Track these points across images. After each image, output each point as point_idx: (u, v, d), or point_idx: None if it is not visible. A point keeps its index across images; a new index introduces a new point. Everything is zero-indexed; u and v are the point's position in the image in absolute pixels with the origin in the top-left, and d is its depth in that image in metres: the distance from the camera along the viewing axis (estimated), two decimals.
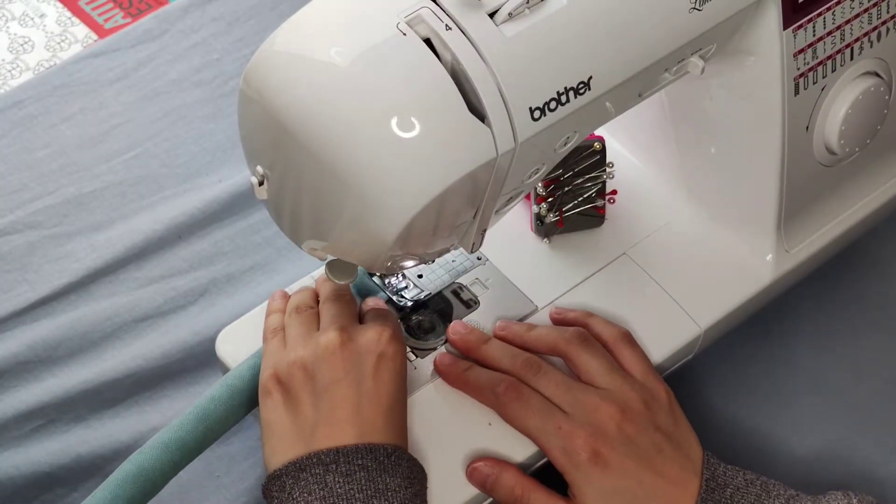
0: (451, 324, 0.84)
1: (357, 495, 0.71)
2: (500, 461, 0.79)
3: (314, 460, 0.72)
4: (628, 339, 0.82)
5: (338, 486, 0.71)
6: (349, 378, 0.75)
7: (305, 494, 0.72)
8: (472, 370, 0.81)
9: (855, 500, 0.75)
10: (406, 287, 0.86)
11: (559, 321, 0.85)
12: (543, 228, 0.90)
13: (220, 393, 0.79)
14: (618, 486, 0.75)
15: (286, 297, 0.83)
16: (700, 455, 0.78)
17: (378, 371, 0.76)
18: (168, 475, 0.76)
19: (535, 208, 0.89)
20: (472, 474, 0.79)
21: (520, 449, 0.80)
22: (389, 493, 0.72)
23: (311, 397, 0.75)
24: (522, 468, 0.81)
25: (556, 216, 0.89)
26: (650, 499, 0.76)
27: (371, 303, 0.83)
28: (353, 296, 0.82)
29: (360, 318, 0.81)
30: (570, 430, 0.76)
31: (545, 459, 0.82)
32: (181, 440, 0.77)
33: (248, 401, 0.79)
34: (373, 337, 0.77)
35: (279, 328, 0.80)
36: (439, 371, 0.82)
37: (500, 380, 0.79)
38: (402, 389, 0.77)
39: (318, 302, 0.82)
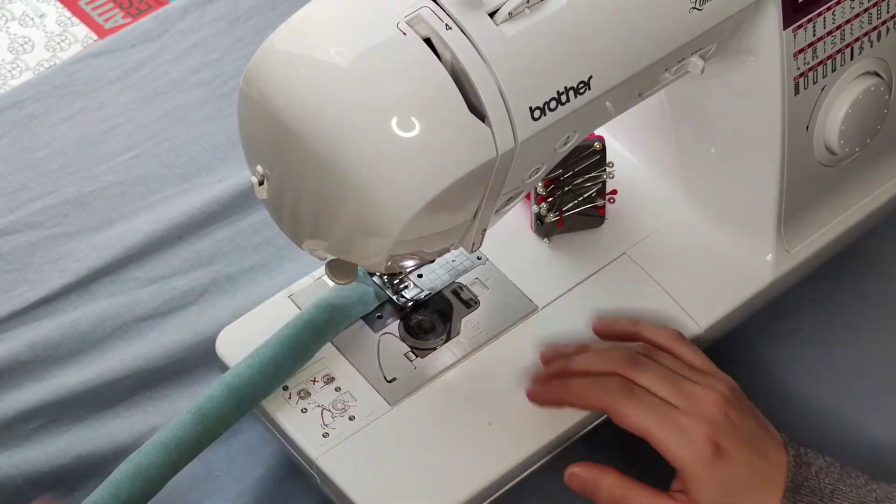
0: (542, 351, 0.83)
1: None
2: (597, 465, 0.78)
3: None
4: (682, 337, 0.83)
5: None
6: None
7: None
8: (572, 381, 0.80)
9: None
10: (406, 287, 0.86)
11: (605, 334, 0.84)
12: (543, 228, 0.90)
13: (218, 392, 0.79)
14: (734, 475, 0.76)
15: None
16: (776, 433, 0.79)
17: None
18: (167, 475, 0.76)
19: (535, 208, 0.89)
20: (570, 479, 0.78)
21: (520, 449, 0.81)
22: None
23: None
24: (522, 468, 0.81)
25: (556, 216, 0.89)
26: (759, 482, 0.76)
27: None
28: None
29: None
30: (688, 424, 0.76)
31: (543, 461, 0.82)
32: (180, 440, 0.76)
33: (246, 400, 0.79)
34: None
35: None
36: (536, 394, 0.82)
37: (608, 379, 0.78)
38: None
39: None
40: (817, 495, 0.75)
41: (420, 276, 0.87)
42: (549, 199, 0.88)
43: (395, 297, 0.86)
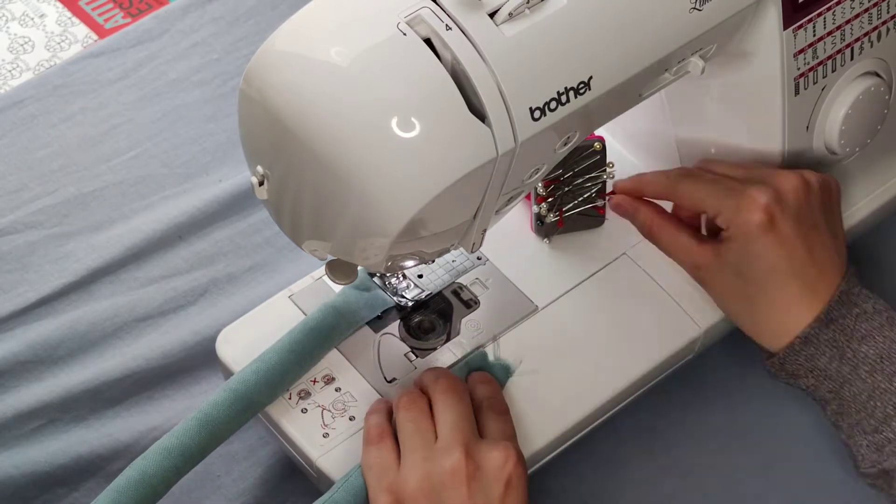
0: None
1: None
2: (636, 201, 0.84)
3: None
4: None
5: None
6: (475, 502, 0.73)
7: None
8: (644, 175, 0.85)
9: None
10: (406, 287, 0.86)
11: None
12: (543, 228, 0.90)
13: (223, 398, 0.78)
14: (771, 253, 0.77)
15: (387, 402, 0.81)
16: (845, 260, 0.80)
17: (505, 498, 0.74)
18: (171, 481, 0.76)
19: (535, 208, 0.89)
20: (614, 206, 0.86)
21: (522, 448, 0.81)
22: None
23: None
24: (530, 462, 0.81)
25: (557, 216, 0.89)
26: (791, 275, 0.77)
27: (483, 390, 0.80)
28: (463, 383, 0.80)
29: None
30: (748, 192, 0.78)
31: (544, 461, 0.82)
32: (183, 445, 0.76)
33: (250, 406, 0.79)
34: (499, 461, 0.74)
35: (385, 434, 0.77)
36: (623, 190, 0.86)
37: (669, 171, 0.83)
38: None
39: (424, 396, 0.79)
40: (846, 334, 0.76)
41: (420, 276, 0.87)
42: (549, 200, 0.88)
43: (395, 298, 0.86)
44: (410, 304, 0.86)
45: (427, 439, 0.76)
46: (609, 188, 0.90)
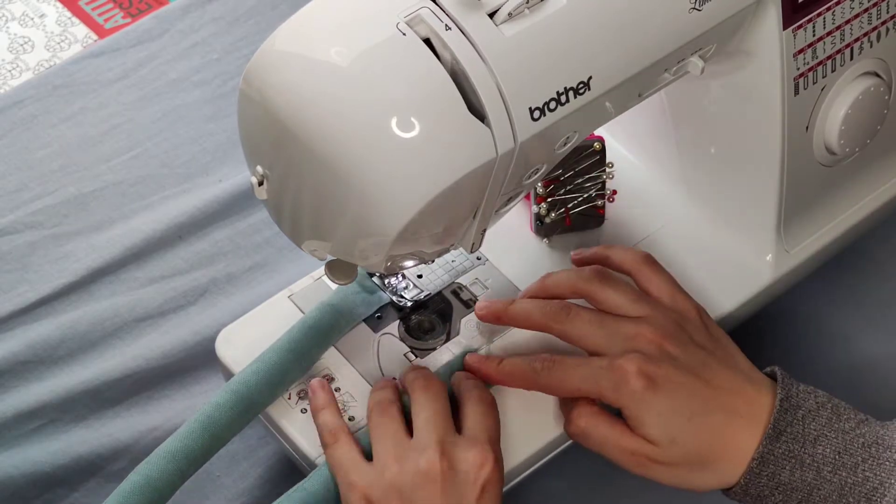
0: (476, 304, 0.82)
1: None
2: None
3: None
4: (650, 261, 0.82)
5: None
6: None
7: None
8: (504, 362, 0.80)
9: None
10: (406, 287, 0.86)
11: (579, 262, 0.84)
12: (543, 228, 0.90)
13: (224, 400, 0.78)
14: (673, 405, 0.75)
15: (328, 389, 0.80)
16: (752, 366, 0.78)
17: (481, 499, 0.73)
18: (175, 485, 0.76)
19: (534, 208, 0.89)
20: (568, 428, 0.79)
21: (520, 449, 0.80)
22: None
23: None
24: (522, 468, 0.81)
25: (558, 216, 0.89)
26: (709, 412, 0.75)
27: (468, 383, 0.80)
28: (441, 381, 0.79)
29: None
30: (616, 364, 0.75)
31: (543, 461, 0.82)
32: (187, 448, 0.76)
33: (252, 406, 0.79)
34: (476, 463, 0.73)
35: (338, 430, 0.77)
36: (472, 370, 0.80)
37: (534, 358, 0.78)
38: None
39: (397, 392, 0.79)
40: (799, 442, 0.74)
41: (420, 276, 0.87)
42: (549, 200, 0.88)
43: (394, 298, 0.86)
44: (410, 304, 0.86)
45: (399, 439, 0.75)
46: (609, 188, 0.90)
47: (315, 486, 0.76)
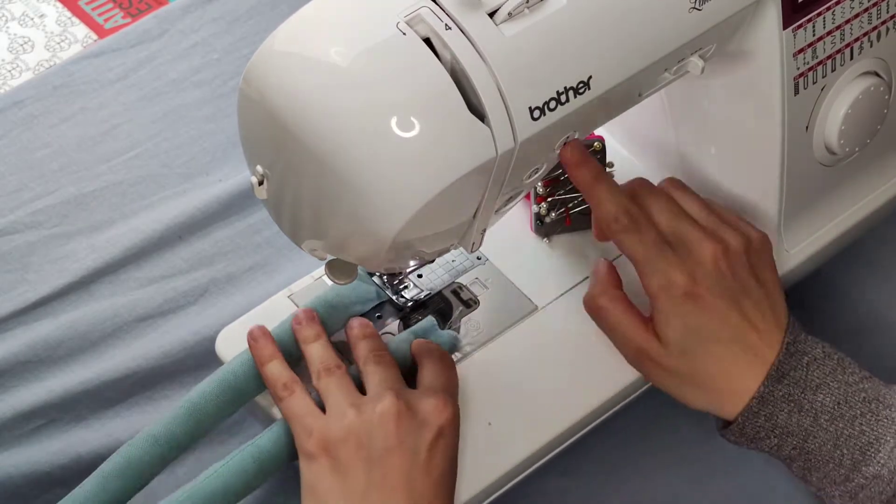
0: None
1: None
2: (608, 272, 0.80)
3: None
4: (711, 201, 0.84)
5: None
6: (403, 448, 0.73)
7: None
8: (606, 176, 0.79)
9: None
10: (406, 287, 0.86)
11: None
12: (543, 228, 0.90)
13: (210, 388, 0.79)
14: (703, 323, 0.76)
15: (268, 334, 0.81)
16: (785, 314, 0.78)
17: (435, 445, 0.74)
18: (157, 469, 0.77)
19: (534, 208, 0.89)
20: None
21: (520, 449, 0.81)
22: None
23: (363, 465, 0.73)
24: (522, 468, 0.81)
25: (559, 215, 0.89)
26: (732, 340, 0.76)
27: (425, 347, 0.81)
28: (391, 354, 0.80)
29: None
30: (673, 262, 0.76)
31: (543, 461, 0.82)
32: (171, 434, 0.77)
33: (239, 396, 0.79)
34: (433, 409, 0.75)
35: (291, 382, 0.78)
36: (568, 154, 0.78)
37: (626, 210, 0.78)
38: (454, 463, 0.76)
39: (336, 354, 0.80)
40: (800, 386, 0.75)
41: (420, 276, 0.87)
42: (549, 200, 0.88)
43: (394, 298, 0.86)
44: (410, 303, 0.86)
45: (353, 393, 0.76)
46: None
47: (267, 443, 0.78)
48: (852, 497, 0.74)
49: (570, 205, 0.89)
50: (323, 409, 0.76)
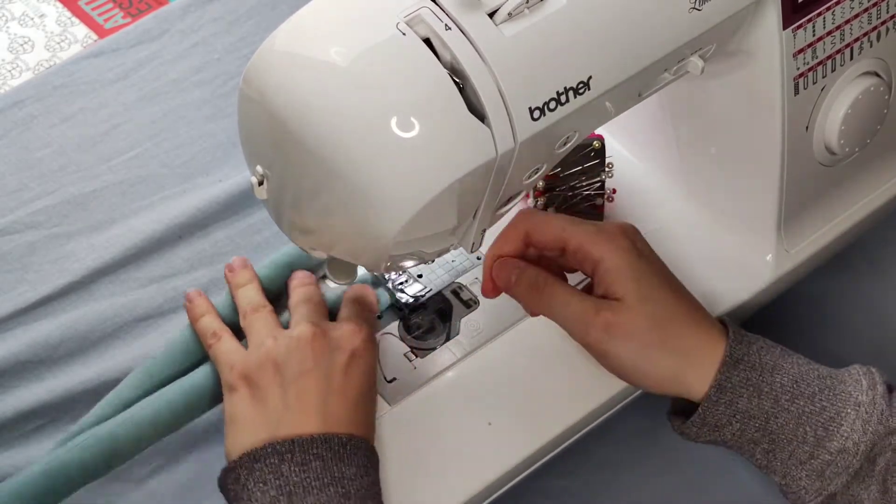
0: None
1: (313, 483, 0.72)
2: (520, 263, 0.79)
3: (269, 450, 0.73)
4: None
5: (293, 474, 0.72)
6: (318, 370, 0.76)
7: (261, 484, 0.72)
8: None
9: (876, 372, 0.76)
10: (406, 286, 0.86)
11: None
12: None
13: (159, 353, 0.84)
14: (653, 272, 0.77)
15: (204, 296, 0.84)
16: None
17: (349, 367, 0.77)
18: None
19: (530, 201, 0.89)
20: (496, 274, 0.79)
21: (520, 449, 0.81)
22: (346, 481, 0.73)
23: (278, 389, 0.76)
24: (522, 468, 0.81)
25: (558, 212, 0.89)
26: (676, 291, 0.77)
27: (355, 292, 0.84)
28: (323, 298, 0.83)
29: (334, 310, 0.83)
30: (606, 226, 0.77)
31: (543, 461, 0.82)
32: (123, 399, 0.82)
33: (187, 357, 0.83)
34: (347, 333, 0.78)
35: (220, 330, 0.81)
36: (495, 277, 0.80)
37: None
38: (371, 388, 0.78)
39: (265, 298, 0.83)
40: (756, 369, 0.75)
41: (420, 276, 0.87)
42: (548, 195, 0.88)
43: (394, 298, 0.86)
44: (410, 303, 0.86)
45: (275, 327, 0.79)
46: (609, 187, 0.90)
47: (198, 379, 0.81)
48: (819, 475, 0.74)
49: (572, 202, 0.89)
50: None
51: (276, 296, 0.85)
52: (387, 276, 0.87)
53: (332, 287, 0.86)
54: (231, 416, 0.77)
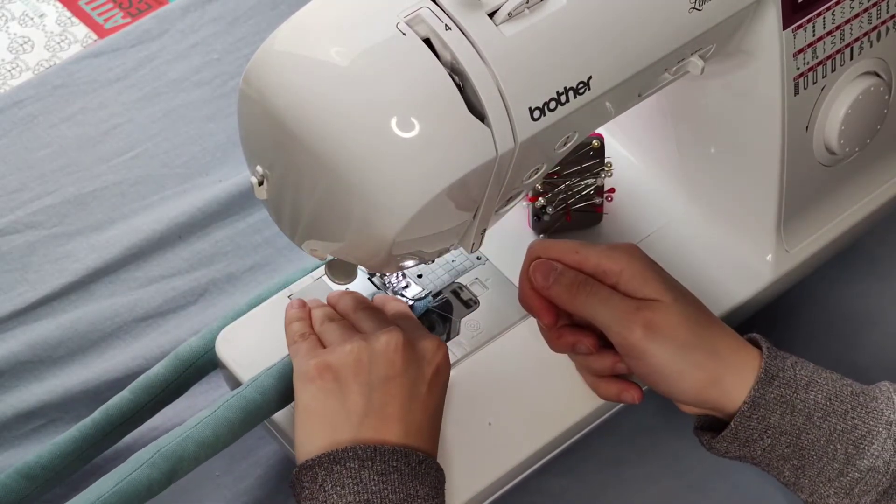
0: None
1: (390, 496, 0.71)
2: (557, 265, 0.79)
3: (350, 454, 0.72)
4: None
5: (373, 483, 0.71)
6: (406, 378, 0.75)
7: (339, 488, 0.71)
8: (552, 287, 0.79)
9: None
10: (406, 287, 0.86)
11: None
12: (541, 224, 0.90)
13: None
14: (692, 301, 0.77)
15: (305, 305, 0.82)
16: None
17: (433, 381, 0.76)
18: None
19: (526, 204, 0.89)
20: (535, 270, 0.79)
21: (520, 449, 0.81)
22: (419, 500, 0.72)
23: (364, 388, 0.74)
24: (522, 468, 0.81)
25: (557, 210, 0.89)
26: (711, 325, 0.77)
27: (398, 310, 0.83)
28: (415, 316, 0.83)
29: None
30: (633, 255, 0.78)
31: (543, 461, 0.82)
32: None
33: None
34: (433, 346, 0.77)
35: (308, 333, 0.79)
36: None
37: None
38: (442, 405, 0.78)
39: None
40: (791, 386, 0.75)
41: (420, 276, 0.87)
42: (548, 195, 0.88)
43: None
44: (410, 303, 0.86)
45: (355, 332, 0.78)
46: (608, 186, 0.90)
47: (252, 392, 0.79)
48: (847, 493, 0.74)
49: (571, 201, 0.89)
50: None
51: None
52: (387, 282, 0.87)
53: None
54: (306, 407, 0.75)
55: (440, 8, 0.67)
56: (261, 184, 0.72)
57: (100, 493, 0.74)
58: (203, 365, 0.84)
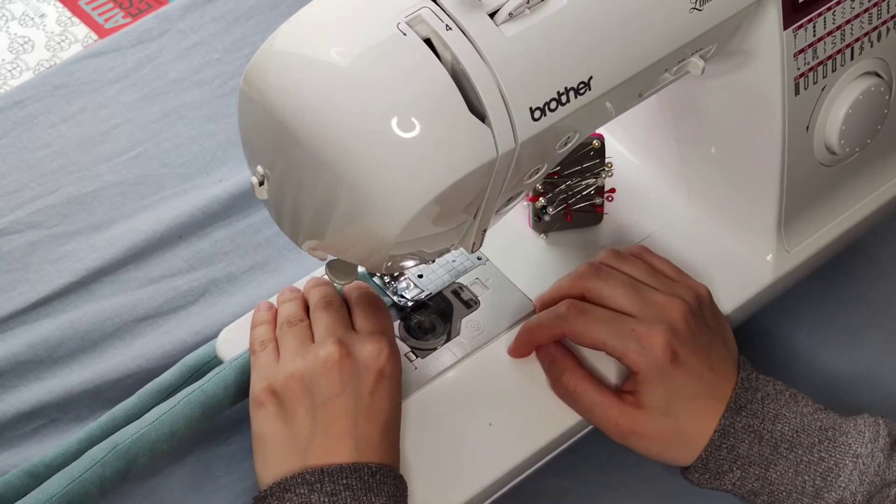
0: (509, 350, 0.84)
1: None
2: (557, 353, 0.81)
3: (298, 480, 0.72)
4: (648, 250, 0.85)
5: None
6: (347, 393, 0.75)
7: None
8: (531, 319, 0.82)
9: (882, 423, 0.76)
10: (406, 287, 0.86)
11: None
12: (541, 224, 0.90)
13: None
14: (684, 383, 0.77)
15: (272, 308, 0.83)
16: (736, 350, 0.81)
17: (376, 388, 0.76)
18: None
19: (526, 205, 0.89)
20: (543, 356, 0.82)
21: (520, 449, 0.81)
22: None
23: (307, 410, 0.75)
24: (522, 468, 0.81)
25: (557, 210, 0.89)
26: (703, 395, 0.77)
27: (363, 297, 0.83)
28: (342, 302, 0.82)
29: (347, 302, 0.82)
30: (645, 331, 0.77)
31: (543, 461, 0.82)
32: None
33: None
34: (372, 353, 0.76)
35: (268, 340, 0.80)
36: (511, 349, 0.84)
37: (558, 306, 0.80)
38: (397, 407, 0.78)
39: (307, 311, 0.81)
40: (758, 418, 0.76)
41: (420, 276, 0.87)
42: (549, 195, 0.88)
43: (394, 298, 0.86)
44: (410, 303, 0.86)
45: (305, 342, 0.78)
46: (608, 186, 0.90)
47: (214, 388, 0.81)
48: None
49: (572, 201, 0.89)
50: None
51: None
52: (386, 282, 0.87)
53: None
54: (259, 434, 0.76)
55: (441, 8, 0.67)
56: (261, 184, 0.72)
57: (50, 494, 0.75)
58: (209, 371, 0.84)
